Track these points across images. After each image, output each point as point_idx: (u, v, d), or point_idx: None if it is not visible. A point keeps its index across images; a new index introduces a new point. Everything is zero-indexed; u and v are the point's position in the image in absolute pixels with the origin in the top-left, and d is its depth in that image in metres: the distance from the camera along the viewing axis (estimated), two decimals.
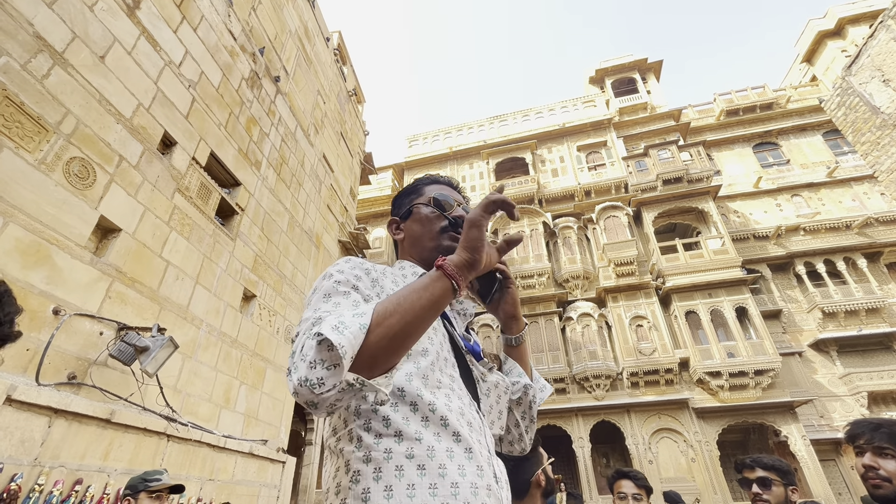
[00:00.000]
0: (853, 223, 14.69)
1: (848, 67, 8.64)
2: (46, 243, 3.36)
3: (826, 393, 13.01)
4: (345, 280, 0.79)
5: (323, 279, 0.80)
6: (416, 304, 0.68)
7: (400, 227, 1.07)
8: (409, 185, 1.12)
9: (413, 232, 1.03)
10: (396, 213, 1.10)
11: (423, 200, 1.04)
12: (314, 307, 0.74)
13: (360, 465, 0.68)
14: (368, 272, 0.85)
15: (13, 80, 3.24)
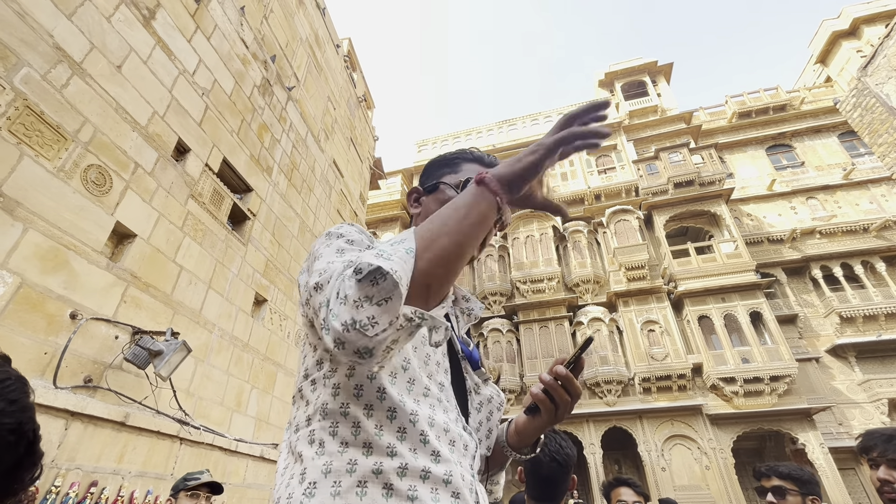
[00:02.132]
0: (871, 226, 14.39)
1: (863, 68, 8.50)
2: (65, 249, 3.43)
3: (845, 400, 12.71)
4: (358, 240, 0.71)
5: (328, 238, 0.71)
6: (465, 223, 0.59)
7: (420, 199, 0.95)
8: (450, 154, 0.98)
9: (431, 212, 0.90)
10: (423, 181, 0.97)
11: (453, 181, 0.92)
12: (325, 259, 0.64)
13: (317, 475, 0.60)
14: (371, 245, 0.75)
15: (34, 90, 3.33)
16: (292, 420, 0.72)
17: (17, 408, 0.36)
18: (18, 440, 0.37)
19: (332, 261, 0.62)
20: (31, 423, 0.38)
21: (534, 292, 15.16)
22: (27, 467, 0.40)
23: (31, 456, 0.40)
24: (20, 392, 0.39)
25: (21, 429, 0.37)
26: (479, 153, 0.97)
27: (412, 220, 0.98)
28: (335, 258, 0.63)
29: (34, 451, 0.41)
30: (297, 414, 0.70)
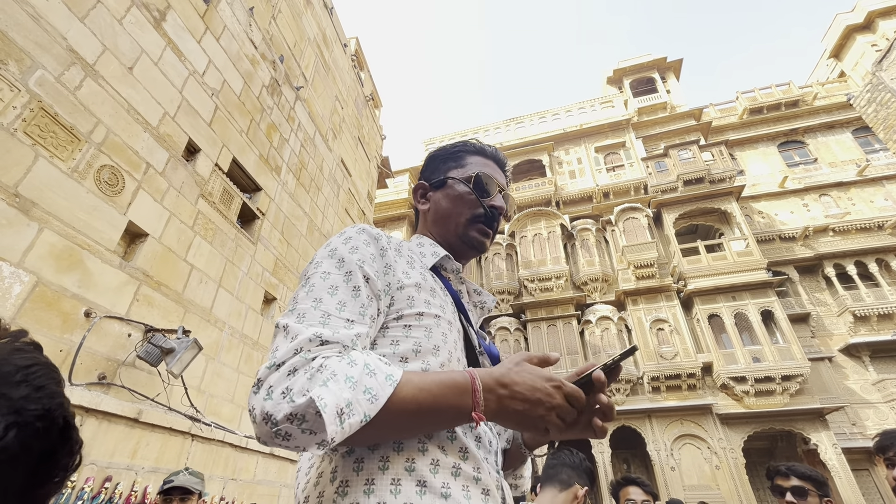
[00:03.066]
0: (886, 223, 14.13)
1: (878, 62, 8.34)
2: (79, 248, 3.49)
3: (858, 400, 12.51)
4: (356, 266, 0.68)
5: (330, 254, 0.70)
6: (439, 418, 0.60)
7: (427, 195, 0.95)
8: (451, 147, 0.96)
9: (441, 208, 0.91)
10: (427, 176, 0.96)
11: (461, 175, 0.91)
12: (313, 294, 0.64)
13: (349, 473, 0.60)
14: (383, 253, 0.74)
15: (48, 92, 3.39)
16: None
17: (44, 394, 0.36)
18: (48, 427, 0.37)
19: (318, 299, 0.64)
20: (61, 409, 0.38)
21: (542, 291, 15.11)
22: (64, 454, 0.40)
23: (65, 443, 0.40)
24: (47, 378, 0.39)
25: (50, 415, 0.36)
26: (481, 145, 0.96)
27: (418, 217, 0.99)
28: (323, 297, 0.64)
29: (69, 437, 0.40)
30: None
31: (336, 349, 0.58)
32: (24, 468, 0.35)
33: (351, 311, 0.64)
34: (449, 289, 0.82)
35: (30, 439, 0.35)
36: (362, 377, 0.55)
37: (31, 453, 0.36)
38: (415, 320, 0.70)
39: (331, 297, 0.64)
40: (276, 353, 0.57)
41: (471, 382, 0.61)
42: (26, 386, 0.36)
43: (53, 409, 0.37)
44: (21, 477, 0.35)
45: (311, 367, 0.54)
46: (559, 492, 1.55)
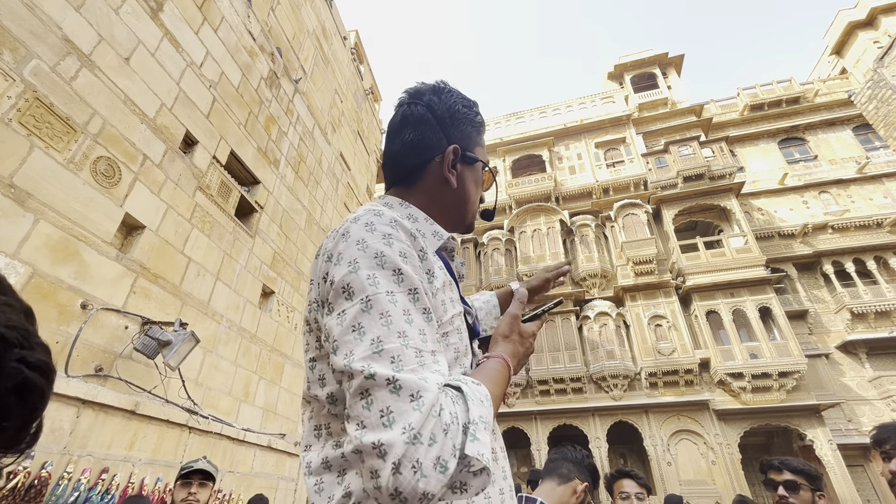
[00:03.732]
0: (885, 221, 14.13)
1: (880, 59, 8.30)
2: (75, 240, 3.47)
3: (854, 396, 12.57)
4: (417, 281, 0.60)
5: (378, 262, 0.59)
6: (502, 391, 0.65)
7: (457, 166, 0.81)
8: (475, 111, 0.86)
9: (465, 191, 0.82)
10: (456, 136, 0.82)
11: (483, 160, 0.85)
12: (395, 326, 0.54)
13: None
14: (423, 255, 0.68)
15: (43, 82, 3.36)
16: (321, 430, 0.67)
17: None
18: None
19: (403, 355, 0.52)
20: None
21: None
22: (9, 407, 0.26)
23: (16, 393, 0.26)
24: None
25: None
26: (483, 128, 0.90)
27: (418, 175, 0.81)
28: (407, 353, 0.53)
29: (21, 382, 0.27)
30: (333, 427, 0.65)
31: (443, 389, 0.53)
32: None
33: (431, 339, 0.57)
34: (449, 270, 0.77)
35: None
36: (483, 411, 0.54)
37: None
38: (450, 325, 0.68)
39: (410, 326, 0.55)
40: (402, 418, 0.48)
41: (509, 371, 0.69)
42: None
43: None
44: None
45: (445, 424, 0.49)
46: (558, 485, 1.56)
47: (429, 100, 0.82)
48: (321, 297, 0.64)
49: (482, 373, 0.66)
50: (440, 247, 0.75)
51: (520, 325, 0.75)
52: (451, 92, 0.84)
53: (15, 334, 0.29)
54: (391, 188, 0.85)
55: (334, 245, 0.64)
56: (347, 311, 0.56)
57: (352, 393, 0.52)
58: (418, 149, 0.80)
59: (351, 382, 0.52)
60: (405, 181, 0.82)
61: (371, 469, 0.47)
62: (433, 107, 0.81)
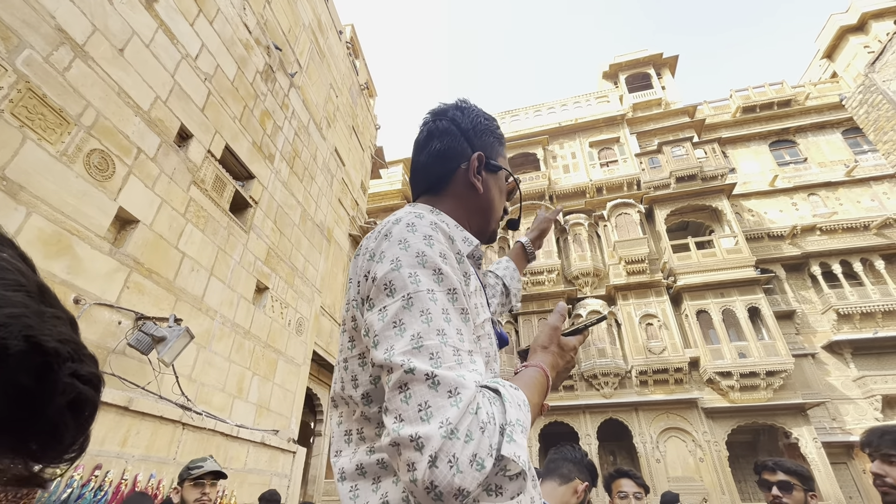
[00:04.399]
0: (871, 223, 14.39)
1: (871, 64, 8.43)
2: (67, 234, 3.42)
3: (839, 395, 12.83)
4: (457, 282, 0.61)
5: (420, 261, 0.60)
6: (541, 400, 0.67)
7: (482, 173, 0.84)
8: (496, 125, 0.91)
9: (491, 197, 0.85)
10: (481, 146, 0.85)
11: (506, 168, 0.89)
12: (434, 324, 0.55)
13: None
14: (460, 258, 0.69)
15: (36, 72, 3.29)
16: (352, 435, 0.67)
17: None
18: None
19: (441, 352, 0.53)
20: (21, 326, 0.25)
21: (533, 284, 15.20)
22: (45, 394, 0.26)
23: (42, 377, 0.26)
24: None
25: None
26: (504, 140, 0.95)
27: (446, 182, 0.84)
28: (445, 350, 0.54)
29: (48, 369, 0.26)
30: (366, 432, 0.66)
31: (481, 389, 0.54)
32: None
33: (468, 339, 0.58)
34: (477, 278, 0.78)
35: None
36: (521, 415, 0.54)
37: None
38: (482, 329, 0.68)
39: (448, 325, 0.56)
40: (440, 413, 0.49)
41: (548, 381, 0.70)
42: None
43: (1, 323, 0.24)
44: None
45: (482, 422, 0.49)
46: (559, 485, 1.57)
47: (452, 115, 0.87)
48: (362, 295, 0.65)
49: (520, 380, 0.67)
50: (469, 253, 0.77)
51: (560, 336, 0.76)
52: (472, 108, 0.89)
53: (67, 348, 0.28)
54: (420, 197, 0.88)
55: (377, 244, 0.65)
56: (389, 307, 0.57)
57: (391, 386, 0.52)
58: (445, 158, 0.84)
59: (390, 376, 0.53)
60: (433, 189, 0.85)
61: (408, 462, 0.48)
62: (457, 120, 0.86)
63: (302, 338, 7.05)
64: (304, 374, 6.98)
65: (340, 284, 9.39)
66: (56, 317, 0.29)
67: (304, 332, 7.13)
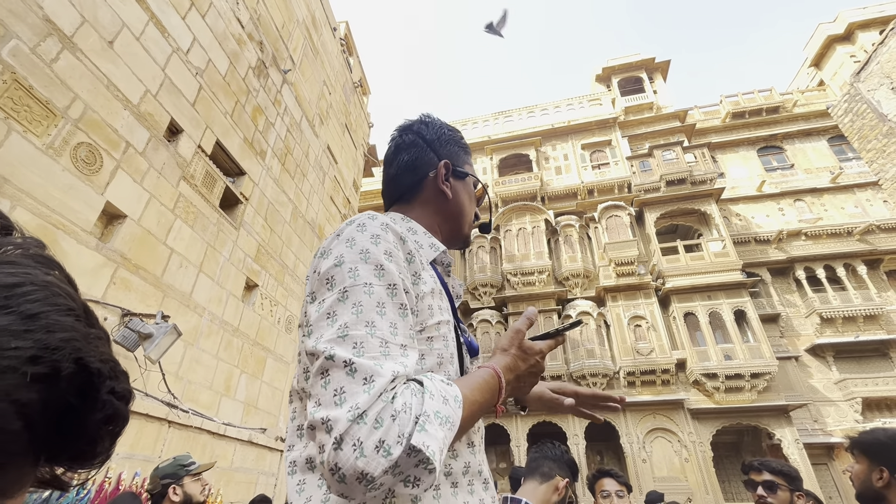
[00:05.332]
0: (855, 230, 14.69)
1: (857, 73, 8.60)
2: (53, 228, 3.37)
3: (821, 398, 13.08)
4: (398, 278, 0.63)
5: (362, 257, 0.62)
6: (486, 404, 0.64)
7: (450, 180, 0.88)
8: (460, 135, 0.95)
9: (460, 202, 0.89)
10: (447, 155, 0.89)
11: (474, 175, 0.93)
12: (364, 316, 0.57)
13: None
14: (410, 258, 0.71)
15: (22, 63, 3.23)
16: (304, 430, 0.68)
17: (37, 326, 0.25)
18: (50, 374, 0.25)
19: (366, 317, 0.56)
20: (72, 349, 0.26)
21: (524, 285, 15.26)
22: (87, 411, 0.28)
23: (89, 396, 0.28)
24: (47, 304, 0.26)
25: (49, 356, 0.25)
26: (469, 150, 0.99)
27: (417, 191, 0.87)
28: (371, 315, 0.56)
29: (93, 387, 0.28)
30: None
31: (406, 381, 0.55)
32: (22, 432, 0.25)
33: (403, 333, 0.60)
34: (442, 283, 0.79)
35: (19, 391, 0.24)
36: (444, 408, 0.54)
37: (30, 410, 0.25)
38: (435, 331, 0.69)
39: (381, 317, 0.58)
40: (352, 398, 0.50)
41: (499, 381, 0.67)
42: (8, 314, 0.25)
43: (55, 347, 0.26)
44: (20, 444, 0.25)
45: (395, 410, 0.50)
46: (539, 484, 1.59)
47: (417, 128, 0.91)
48: (309, 289, 0.67)
49: (464, 378, 0.66)
50: (435, 259, 0.80)
51: (522, 340, 0.74)
52: (435, 121, 0.93)
53: (107, 367, 0.30)
54: (391, 207, 0.90)
55: (328, 243, 0.68)
56: (326, 299, 0.60)
57: (313, 372, 0.54)
58: (413, 168, 0.88)
59: (315, 362, 0.55)
60: (404, 199, 0.89)
61: (320, 444, 0.50)
62: (422, 133, 0.90)
63: (291, 336, 7.01)
64: (292, 372, 6.94)
65: None
66: (98, 337, 0.31)
67: (293, 331, 7.08)
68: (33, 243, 0.31)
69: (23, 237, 0.32)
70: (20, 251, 0.30)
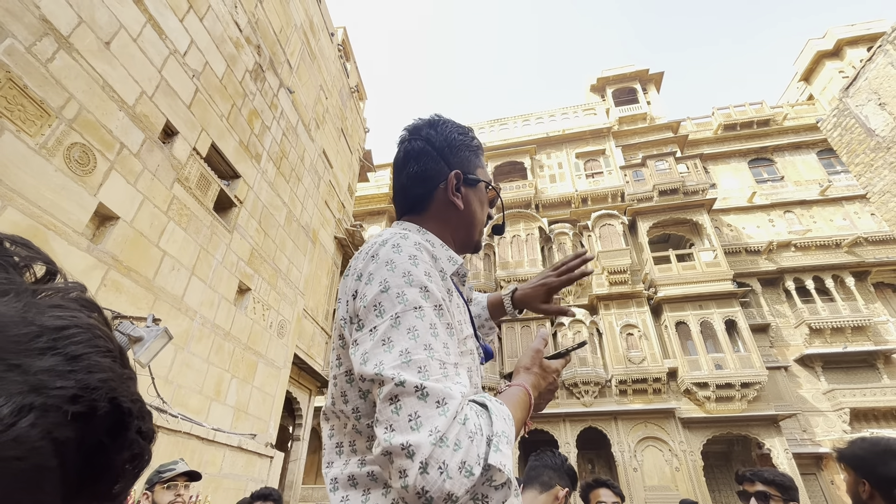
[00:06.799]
0: (843, 242, 14.92)
1: (845, 89, 8.78)
2: (44, 228, 3.33)
3: (810, 408, 13.19)
4: (441, 298, 0.64)
5: (407, 281, 0.63)
6: (523, 417, 0.69)
7: (461, 189, 0.86)
8: (472, 137, 0.91)
9: (473, 211, 0.87)
10: (458, 163, 0.87)
11: (484, 178, 0.89)
12: (421, 339, 0.58)
13: None
14: (444, 276, 0.71)
15: (17, 62, 3.21)
16: (343, 447, 0.69)
17: (80, 367, 0.26)
18: (87, 413, 0.26)
19: (428, 365, 0.56)
20: (105, 388, 0.27)
21: None
22: (116, 450, 0.29)
23: (117, 435, 0.29)
24: (88, 346, 0.28)
25: (88, 396, 0.26)
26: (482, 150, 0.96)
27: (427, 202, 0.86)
28: (432, 363, 0.56)
29: (123, 426, 0.29)
30: (358, 444, 0.68)
31: (468, 402, 0.58)
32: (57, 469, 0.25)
33: (454, 352, 0.61)
34: (460, 294, 0.82)
35: (59, 429, 0.25)
36: (506, 428, 0.57)
37: (66, 449, 0.26)
38: (464, 345, 0.71)
39: (435, 339, 0.59)
40: (429, 422, 0.51)
41: (530, 399, 0.71)
42: (54, 355, 0.26)
43: (94, 387, 0.27)
44: (53, 483, 0.26)
45: (470, 432, 0.52)
46: (539, 493, 1.58)
47: (426, 133, 0.88)
48: (350, 314, 0.68)
49: (504, 397, 0.69)
50: (454, 272, 0.80)
51: (542, 359, 0.78)
52: (445, 123, 0.90)
53: (136, 406, 0.31)
54: (404, 216, 0.89)
55: (364, 265, 0.68)
56: (378, 326, 0.60)
57: (382, 398, 0.55)
58: (423, 179, 0.86)
59: (381, 389, 0.55)
60: (415, 209, 0.87)
61: (399, 469, 0.50)
62: (431, 139, 0.87)
63: (283, 340, 6.95)
64: (284, 377, 6.88)
65: (324, 287, 9.30)
66: (129, 377, 0.32)
67: (285, 335, 7.03)
68: (76, 287, 0.33)
69: (65, 281, 0.33)
70: (66, 294, 0.31)
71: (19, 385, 0.24)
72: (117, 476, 0.30)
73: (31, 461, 0.24)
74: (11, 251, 0.30)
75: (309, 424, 8.68)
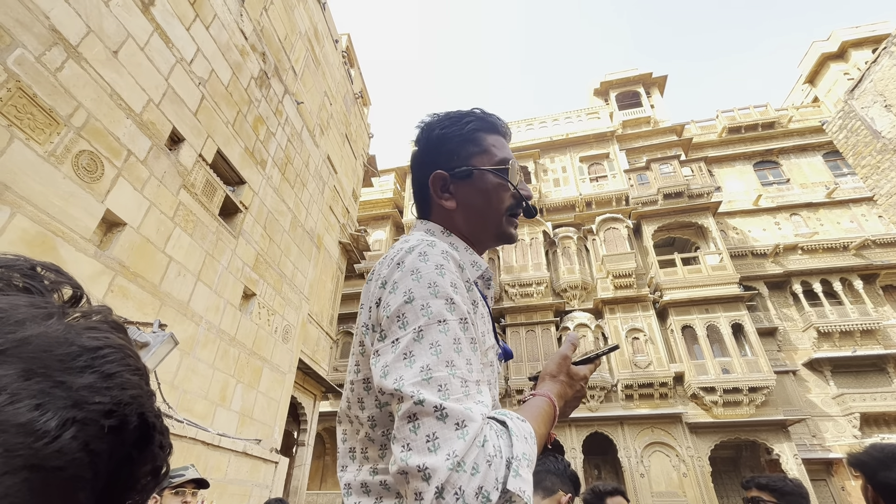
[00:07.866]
0: (850, 244, 14.78)
1: (850, 91, 8.74)
2: (52, 235, 3.37)
3: (819, 413, 13.03)
4: (466, 312, 0.62)
5: (432, 291, 0.61)
6: (547, 429, 0.66)
7: (450, 188, 0.81)
8: (462, 122, 0.83)
9: (475, 205, 0.80)
10: (444, 163, 0.81)
11: (487, 162, 0.80)
12: (444, 355, 0.56)
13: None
14: (469, 286, 0.69)
15: (27, 71, 3.26)
16: (356, 453, 0.69)
17: (114, 384, 0.29)
18: (119, 427, 0.28)
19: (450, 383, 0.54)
20: (136, 404, 0.30)
21: (522, 296, 15.24)
22: (141, 462, 0.32)
23: (143, 448, 0.31)
24: (121, 364, 0.30)
25: (121, 411, 0.28)
26: (491, 119, 0.85)
27: (430, 211, 0.83)
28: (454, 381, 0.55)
29: (148, 440, 0.32)
30: (370, 452, 0.67)
31: (488, 422, 0.56)
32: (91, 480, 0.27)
33: (476, 369, 0.59)
34: (484, 299, 0.78)
35: (95, 441, 0.27)
36: (528, 448, 0.55)
37: (99, 460, 0.28)
38: (485, 357, 0.69)
39: (458, 355, 0.57)
40: (447, 445, 0.50)
41: (554, 410, 0.69)
42: (92, 373, 0.28)
43: (126, 402, 0.29)
44: (86, 493, 0.27)
45: (489, 455, 0.51)
46: (542, 499, 1.57)
47: (418, 138, 0.87)
48: (372, 321, 0.66)
49: (527, 410, 0.66)
50: (479, 276, 0.78)
51: (570, 366, 0.75)
52: (431, 124, 0.86)
53: (159, 422, 0.34)
54: (424, 217, 0.87)
55: (389, 272, 0.66)
56: (401, 339, 0.59)
57: (400, 416, 0.54)
58: (420, 186, 0.85)
59: (400, 405, 0.54)
60: (424, 214, 0.87)
61: (416, 491, 0.49)
62: (420, 143, 0.87)
63: (288, 345, 6.97)
64: (289, 382, 6.89)
65: (329, 292, 9.32)
66: (152, 394, 0.34)
67: (290, 340, 7.05)
68: (104, 309, 0.35)
69: (90, 304, 0.35)
70: (97, 317, 0.33)
71: (64, 400, 0.26)
72: (139, 487, 0.32)
73: (71, 471, 0.26)
74: (44, 276, 0.32)
75: (314, 429, 8.67)
